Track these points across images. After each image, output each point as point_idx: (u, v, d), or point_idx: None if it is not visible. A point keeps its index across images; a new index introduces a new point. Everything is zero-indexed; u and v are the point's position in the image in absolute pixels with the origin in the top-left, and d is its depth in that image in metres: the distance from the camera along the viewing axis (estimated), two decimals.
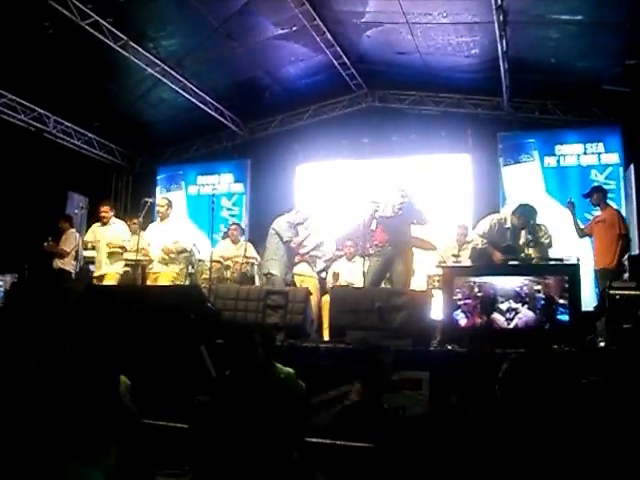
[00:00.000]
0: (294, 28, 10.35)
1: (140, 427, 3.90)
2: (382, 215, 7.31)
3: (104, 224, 9.46)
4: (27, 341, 2.85)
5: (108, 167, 14.58)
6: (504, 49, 9.79)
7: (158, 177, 14.41)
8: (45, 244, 9.83)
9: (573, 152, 11.40)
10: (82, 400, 2.51)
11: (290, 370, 4.69)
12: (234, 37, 10.49)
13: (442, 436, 4.72)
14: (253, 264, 9.76)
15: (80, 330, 5.63)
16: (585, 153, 11.33)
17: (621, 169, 10.96)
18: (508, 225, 7.99)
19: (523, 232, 8.08)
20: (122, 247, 9.23)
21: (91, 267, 10.35)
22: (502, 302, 6.03)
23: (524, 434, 3.40)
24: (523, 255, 8.08)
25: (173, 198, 12.28)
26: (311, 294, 7.05)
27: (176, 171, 14.37)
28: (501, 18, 9.00)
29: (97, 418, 2.49)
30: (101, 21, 9.67)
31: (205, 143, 14.42)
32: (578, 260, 6.59)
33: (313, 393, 5.39)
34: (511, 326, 5.97)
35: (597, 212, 8.94)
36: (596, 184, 10.45)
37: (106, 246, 9.26)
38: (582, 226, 8.76)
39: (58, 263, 9.99)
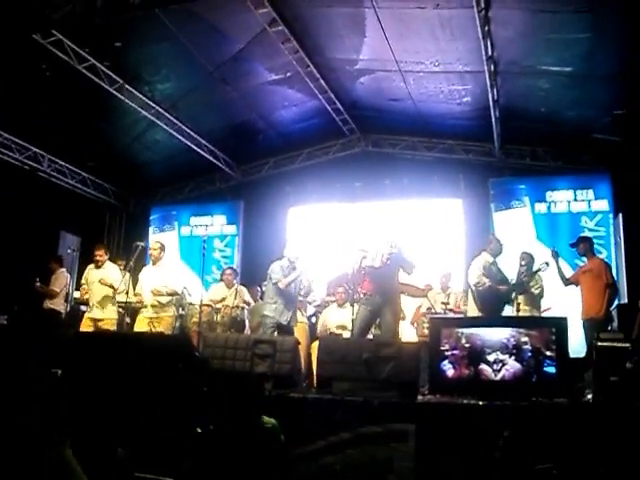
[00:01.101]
0: (288, 74, 10.49)
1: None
2: (370, 265, 7.34)
3: (98, 267, 9.45)
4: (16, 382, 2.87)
5: (101, 207, 14.65)
6: (495, 98, 9.93)
7: (151, 217, 14.49)
8: (36, 285, 9.86)
9: (563, 198, 11.51)
10: None
11: (273, 421, 4.68)
12: (228, 81, 10.62)
13: None
14: (244, 308, 9.75)
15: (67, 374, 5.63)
16: (575, 200, 11.43)
17: (611, 216, 11.05)
18: (490, 260, 8.20)
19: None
20: (112, 286, 9.19)
21: (82, 307, 10.33)
22: (489, 353, 6.03)
23: None
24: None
25: (166, 239, 12.42)
26: (299, 343, 7.04)
27: (169, 211, 14.45)
28: (492, 68, 9.15)
29: None
30: (97, 64, 9.78)
31: (199, 184, 14.51)
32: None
33: (300, 444, 5.38)
34: (498, 378, 5.97)
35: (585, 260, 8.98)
36: (586, 231, 10.57)
37: (98, 282, 9.22)
38: (568, 275, 8.82)
39: (48, 304, 10.02)
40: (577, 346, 7.85)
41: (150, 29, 9.10)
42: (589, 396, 6.12)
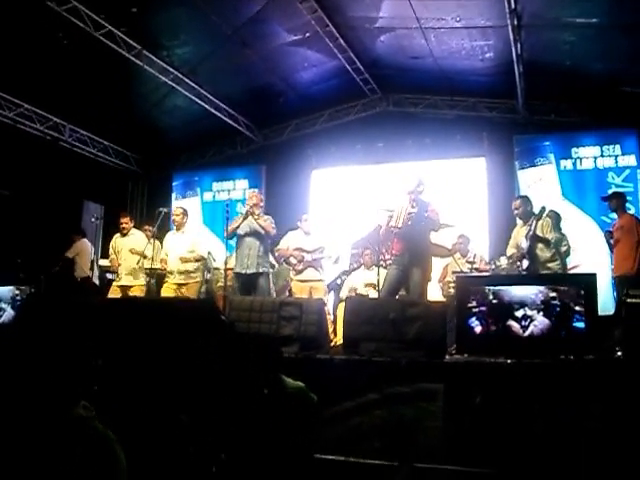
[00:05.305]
0: (307, 34, 10.34)
1: None
2: (394, 225, 7.26)
3: (124, 235, 9.53)
4: (42, 353, 2.87)
5: (124, 174, 14.67)
6: (518, 52, 9.71)
7: (174, 183, 14.49)
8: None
9: (589, 154, 11.27)
10: None
11: (300, 384, 4.64)
12: (247, 44, 10.51)
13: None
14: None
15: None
16: (602, 155, 11.19)
17: (639, 171, 10.84)
18: (518, 229, 8.26)
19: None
20: (143, 254, 9.26)
21: (108, 275, 10.44)
22: (517, 309, 5.95)
23: None
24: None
25: (189, 205, 12.41)
26: (325, 304, 7.03)
27: (191, 177, 14.43)
28: (515, 22, 8.93)
29: None
30: (115, 31, 9.71)
31: (220, 149, 14.42)
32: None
33: (327, 405, 5.37)
34: (526, 334, 5.89)
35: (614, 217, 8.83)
36: (613, 188, 10.40)
37: (128, 252, 9.30)
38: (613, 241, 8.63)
39: (79, 272, 10.24)
40: (606, 304, 7.75)
41: None
42: (619, 353, 6.05)
